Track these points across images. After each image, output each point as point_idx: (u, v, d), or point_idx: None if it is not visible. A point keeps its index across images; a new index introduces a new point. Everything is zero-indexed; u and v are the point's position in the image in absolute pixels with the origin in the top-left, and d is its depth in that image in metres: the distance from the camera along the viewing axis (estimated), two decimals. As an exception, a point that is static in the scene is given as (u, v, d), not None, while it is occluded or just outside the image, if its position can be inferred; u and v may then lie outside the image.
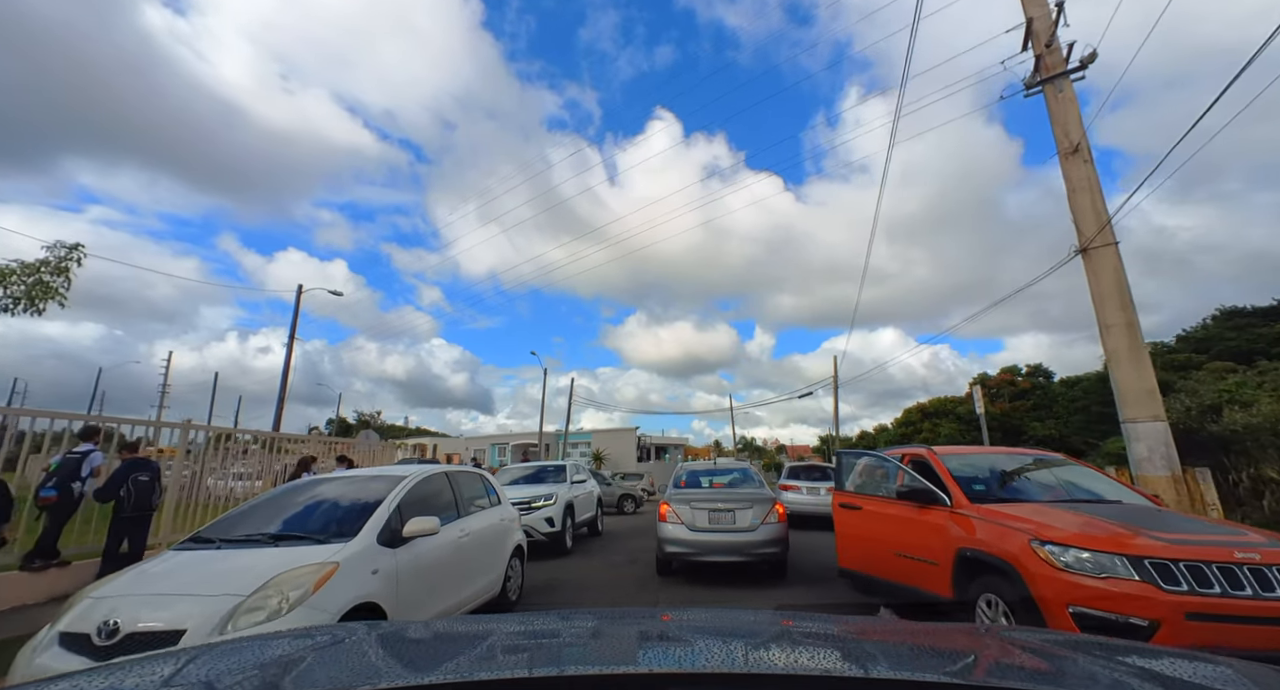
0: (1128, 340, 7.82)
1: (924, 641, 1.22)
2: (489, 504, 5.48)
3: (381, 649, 1.11)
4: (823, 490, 11.79)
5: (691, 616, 1.62)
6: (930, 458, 4.63)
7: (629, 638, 1.31)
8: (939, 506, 4.06)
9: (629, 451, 39.22)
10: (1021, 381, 45.54)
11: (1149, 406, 7.50)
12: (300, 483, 4.42)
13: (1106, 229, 8.15)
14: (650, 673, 0.86)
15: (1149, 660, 1.05)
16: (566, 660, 1.08)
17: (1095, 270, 8.22)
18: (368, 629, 1.30)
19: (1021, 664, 1.07)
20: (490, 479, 5.92)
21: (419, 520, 3.71)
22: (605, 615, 1.61)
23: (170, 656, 1.04)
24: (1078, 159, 8.61)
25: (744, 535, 6.41)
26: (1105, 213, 8.28)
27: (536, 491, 9.32)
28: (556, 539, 8.93)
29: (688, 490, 7.38)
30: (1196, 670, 0.97)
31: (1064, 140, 8.79)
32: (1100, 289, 8.14)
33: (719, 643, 1.12)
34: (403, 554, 3.51)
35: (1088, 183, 8.49)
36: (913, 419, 49.57)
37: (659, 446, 44.66)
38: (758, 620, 1.55)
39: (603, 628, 1.40)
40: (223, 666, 0.96)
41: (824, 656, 1.10)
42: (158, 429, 11.46)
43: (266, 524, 3.60)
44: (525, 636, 1.28)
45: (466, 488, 5.18)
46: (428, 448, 50.35)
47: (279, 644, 1.13)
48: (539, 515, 8.83)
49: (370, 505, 3.71)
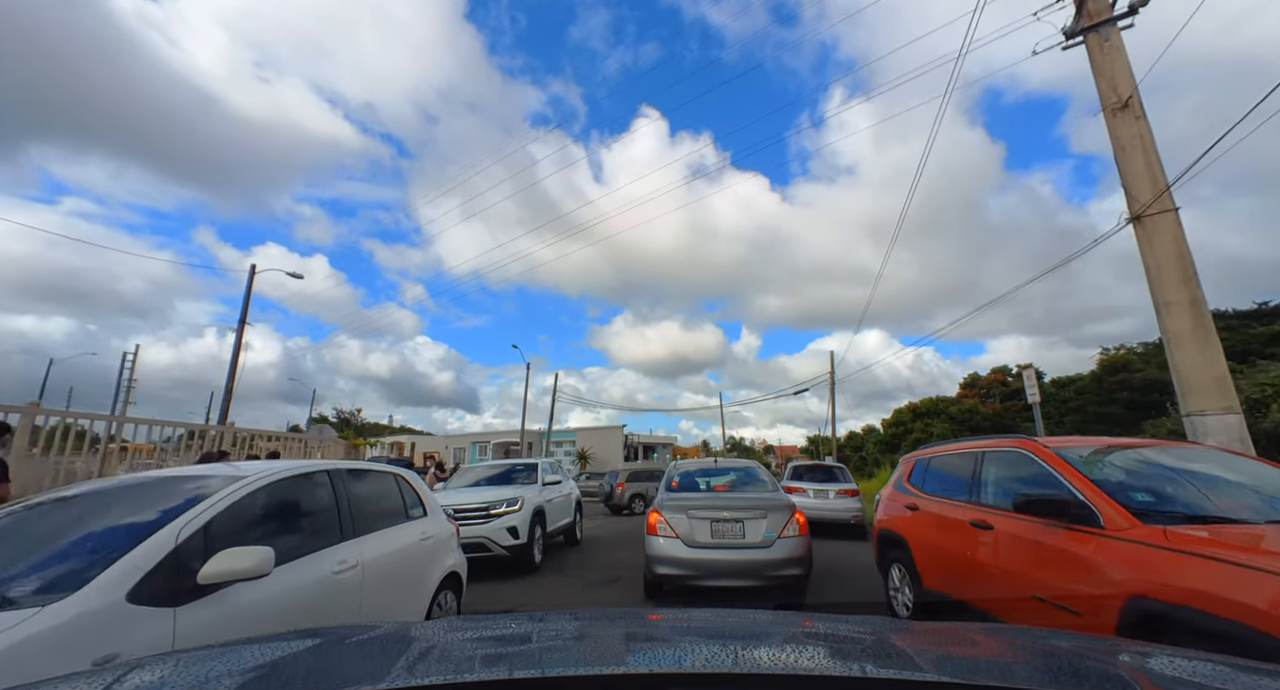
0: (1191, 319, 6.75)
1: (925, 641, 1.24)
2: (406, 517, 4.00)
3: (382, 649, 1.12)
4: (831, 493, 10.60)
5: (691, 617, 1.58)
6: (1043, 454, 3.19)
7: (629, 638, 1.30)
8: (1084, 528, 2.71)
9: (615, 450, 37.98)
10: (1013, 381, 45.18)
11: (1219, 396, 6.43)
12: (45, 497, 2.67)
13: (1165, 195, 7.08)
14: (650, 673, 0.87)
15: (1149, 660, 1.06)
16: (567, 660, 1.07)
17: (1151, 240, 7.15)
18: (368, 629, 1.30)
19: (1023, 664, 1.07)
20: (413, 481, 4.41)
21: (232, 554, 2.19)
22: (606, 615, 1.61)
23: (170, 657, 1.04)
24: (1127, 115, 7.54)
25: (757, 552, 5.05)
26: (1162, 175, 7.21)
27: (498, 495, 7.71)
28: (522, 553, 7.41)
29: (683, 495, 5.97)
30: (1196, 670, 0.96)
31: (1110, 95, 7.72)
32: (1157, 261, 7.06)
33: (719, 643, 1.14)
34: (196, 615, 2.08)
35: (1140, 141, 7.42)
36: (903, 419, 48.94)
37: (647, 445, 43.47)
38: (757, 620, 1.50)
39: (604, 628, 1.40)
40: (222, 667, 0.96)
41: (824, 656, 1.08)
42: (120, 425, 10.17)
43: None
44: (525, 637, 1.27)
45: (367, 495, 3.64)
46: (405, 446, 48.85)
47: (279, 644, 1.12)
48: (499, 524, 7.28)
49: (140, 532, 2.13)
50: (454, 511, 7.09)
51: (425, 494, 4.45)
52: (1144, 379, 31.59)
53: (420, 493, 4.41)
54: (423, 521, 4.17)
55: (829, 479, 11.06)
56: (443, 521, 4.54)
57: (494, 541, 7.16)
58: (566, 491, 10.13)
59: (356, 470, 3.78)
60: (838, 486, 10.72)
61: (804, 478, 11.21)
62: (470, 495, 7.89)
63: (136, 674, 0.91)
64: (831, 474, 11.32)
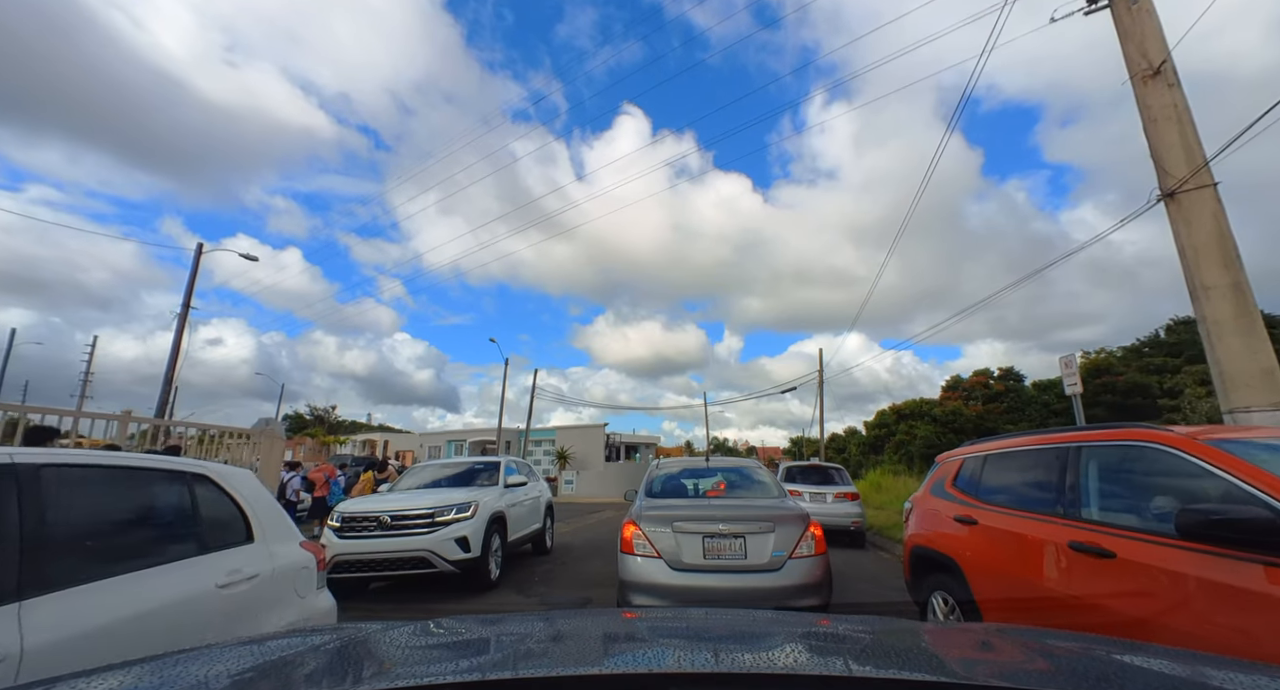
0: (1233, 306, 6.07)
1: (925, 641, 1.24)
2: (201, 549, 2.50)
3: (382, 650, 1.11)
4: (829, 497, 9.71)
5: (691, 617, 1.56)
6: (1200, 451, 2.23)
7: (630, 638, 1.30)
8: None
9: (596, 450, 36.95)
10: (995, 384, 45.28)
11: (1267, 391, 5.75)
12: None
13: (1204, 169, 6.40)
14: (650, 673, 0.86)
15: (1149, 659, 1.05)
16: (567, 660, 1.05)
17: (1187, 219, 6.46)
18: (368, 630, 1.27)
19: (1023, 664, 1.06)
20: (232, 488, 2.84)
21: None
22: (606, 615, 1.64)
23: (170, 658, 1.02)
24: (1159, 83, 6.87)
25: (763, 578, 4.00)
26: (1200, 148, 6.54)
27: (446, 499, 6.54)
28: (474, 569, 6.26)
29: (667, 502, 4.86)
30: (1196, 670, 0.95)
31: (1139, 61, 7.04)
32: (1194, 242, 6.38)
33: (719, 643, 1.15)
34: None
35: (1174, 111, 6.74)
36: (886, 420, 48.92)
37: (629, 445, 42.48)
38: (757, 620, 1.47)
39: (604, 628, 1.39)
40: (222, 668, 0.95)
41: (824, 656, 1.09)
42: (76, 420, 8.86)
43: None
44: (525, 637, 1.25)
45: (101, 514, 2.24)
46: (377, 444, 47.25)
47: (279, 645, 1.12)
48: (446, 535, 6.11)
49: None
50: (391, 518, 6.20)
51: (257, 508, 2.92)
52: (1127, 382, 31.74)
53: (246, 505, 2.85)
54: (237, 554, 2.64)
55: (826, 481, 10.20)
56: (289, 552, 3.00)
57: (439, 555, 6.02)
58: (535, 494, 9.02)
59: (81, 467, 2.21)
60: (836, 489, 9.88)
61: (799, 480, 10.24)
62: (413, 499, 6.71)
63: (138, 674, 0.90)
64: (829, 476, 10.45)
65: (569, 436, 37.76)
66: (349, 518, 6.29)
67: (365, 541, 6.09)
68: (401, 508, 6.35)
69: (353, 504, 6.78)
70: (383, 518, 6.20)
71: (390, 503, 6.60)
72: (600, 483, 33.93)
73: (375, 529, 6.17)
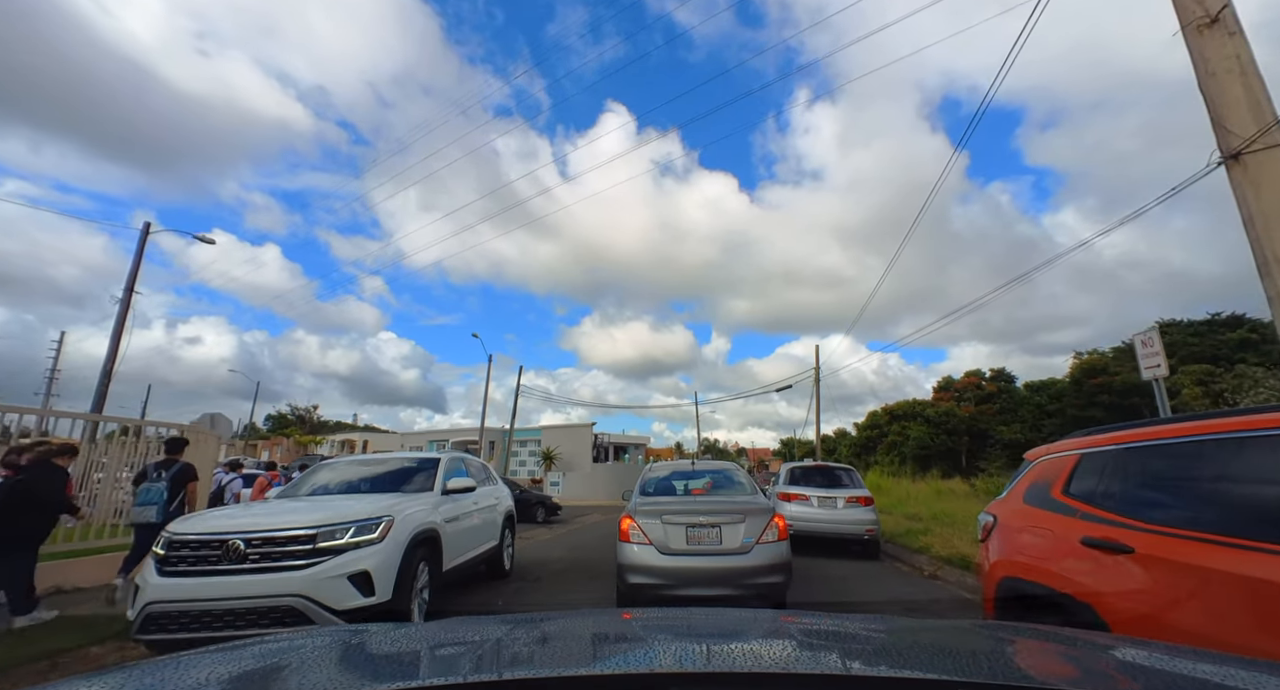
0: (1313, 281, 5.25)
1: (925, 640, 1.22)
2: None
3: (382, 650, 1.11)
4: (840, 502, 8.69)
5: (690, 617, 1.55)
6: None
7: (629, 638, 1.29)
8: None
9: (584, 451, 35.93)
10: (987, 384, 44.91)
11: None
12: None
13: (1275, 127, 5.60)
14: (649, 673, 0.86)
15: (1149, 657, 1.03)
16: (566, 661, 1.06)
17: (1255, 182, 5.66)
18: (368, 630, 1.28)
19: (1024, 662, 1.04)
20: None
21: None
22: (604, 616, 1.60)
23: (170, 659, 1.01)
24: (1218, 32, 6.07)
25: (733, 559, 4.94)
26: (1269, 103, 5.74)
27: (341, 513, 4.37)
28: (383, 619, 4.06)
29: (658, 499, 5.74)
30: (1197, 667, 0.93)
31: (1194, 8, 6.24)
32: (1264, 208, 5.57)
33: (719, 643, 1.13)
34: None
35: (1237, 62, 5.95)
36: (878, 421, 48.53)
37: (618, 446, 41.51)
38: (757, 619, 1.49)
39: (602, 628, 1.39)
40: (223, 668, 0.94)
41: (824, 656, 1.08)
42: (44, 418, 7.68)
43: None
44: (524, 637, 1.24)
45: None
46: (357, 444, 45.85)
47: (278, 645, 1.12)
48: (333, 569, 4.01)
49: None
50: (246, 544, 3.99)
51: None
52: (1124, 382, 31.31)
53: None
54: None
55: (834, 484, 9.15)
56: None
57: (317, 603, 3.87)
58: (489, 502, 6.92)
59: None
60: (847, 493, 8.84)
61: (803, 483, 9.26)
62: (288, 513, 4.42)
63: (138, 675, 0.89)
64: (837, 478, 9.42)
65: (555, 436, 36.69)
66: (180, 542, 4.03)
67: (202, 582, 3.89)
68: (266, 526, 4.10)
69: (192, 521, 4.36)
70: (232, 543, 3.95)
71: (252, 518, 4.31)
72: (588, 484, 32.93)
73: (221, 561, 3.93)
